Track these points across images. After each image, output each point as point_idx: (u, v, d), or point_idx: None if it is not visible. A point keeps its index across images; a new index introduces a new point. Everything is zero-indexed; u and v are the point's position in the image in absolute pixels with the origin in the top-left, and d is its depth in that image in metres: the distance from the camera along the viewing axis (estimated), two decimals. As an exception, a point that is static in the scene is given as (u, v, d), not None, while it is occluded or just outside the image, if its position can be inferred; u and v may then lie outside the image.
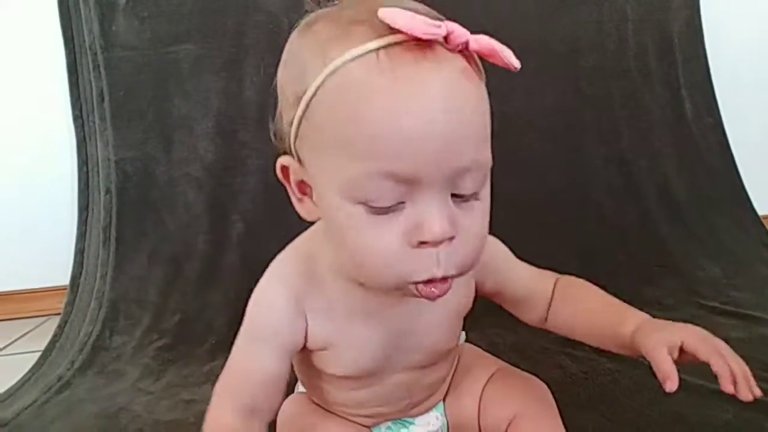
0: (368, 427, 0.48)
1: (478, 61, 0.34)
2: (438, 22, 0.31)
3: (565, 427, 0.47)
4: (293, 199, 0.39)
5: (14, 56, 1.09)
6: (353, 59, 0.31)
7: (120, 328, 0.90)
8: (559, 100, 1.05)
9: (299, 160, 0.36)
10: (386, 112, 0.30)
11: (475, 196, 0.34)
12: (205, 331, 0.88)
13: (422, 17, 0.30)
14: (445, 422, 0.51)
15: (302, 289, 0.40)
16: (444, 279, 0.34)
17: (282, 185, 0.40)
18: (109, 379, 0.78)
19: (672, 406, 0.58)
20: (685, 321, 0.86)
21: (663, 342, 0.38)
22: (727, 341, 0.73)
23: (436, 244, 0.32)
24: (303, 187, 0.38)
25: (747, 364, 0.65)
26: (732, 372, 0.37)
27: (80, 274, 1.02)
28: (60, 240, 1.08)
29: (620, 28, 1.07)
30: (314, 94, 0.32)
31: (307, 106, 0.33)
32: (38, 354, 0.87)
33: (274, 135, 0.39)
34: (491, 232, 0.56)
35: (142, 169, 0.99)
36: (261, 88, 0.99)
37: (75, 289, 1.00)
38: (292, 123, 0.35)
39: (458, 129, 0.31)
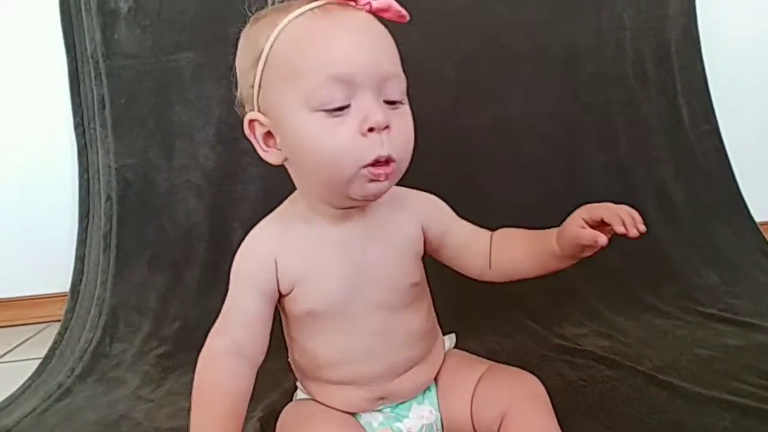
0: (365, 414, 0.50)
1: None
2: None
3: (564, 435, 0.47)
4: (260, 151, 0.48)
5: (16, 63, 1.09)
6: (296, 17, 0.44)
7: (120, 335, 0.90)
8: (557, 107, 1.06)
9: (263, 114, 0.46)
10: (327, 37, 0.43)
11: (400, 102, 0.45)
12: (205, 338, 0.87)
13: None
14: (439, 416, 0.52)
15: (273, 238, 0.49)
16: (387, 162, 0.43)
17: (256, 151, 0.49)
18: (109, 386, 0.78)
19: (670, 414, 0.59)
20: (682, 327, 0.87)
21: (572, 224, 0.47)
22: (724, 348, 0.74)
23: (380, 129, 0.42)
24: (267, 138, 0.47)
25: (745, 371, 0.66)
26: (621, 217, 0.44)
27: (80, 280, 1.02)
28: (60, 247, 1.09)
29: (618, 36, 1.08)
30: (270, 48, 0.44)
31: (266, 59, 0.44)
32: (38, 361, 0.87)
33: (240, 106, 0.49)
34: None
35: (142, 176, 0.99)
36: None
37: (75, 295, 1.00)
38: (253, 83, 0.45)
39: (378, 46, 0.44)
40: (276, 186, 0.97)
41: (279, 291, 0.49)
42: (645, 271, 0.97)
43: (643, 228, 0.43)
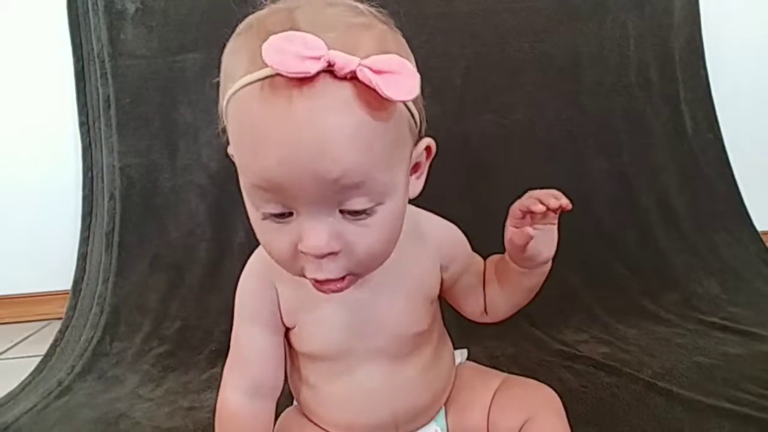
0: None
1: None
2: (319, 53, 0.32)
3: (564, 440, 0.47)
4: None
5: (23, 63, 1.10)
6: (245, 85, 0.34)
7: (120, 333, 0.90)
8: (560, 114, 1.06)
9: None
10: (259, 135, 0.34)
11: (368, 212, 0.36)
12: (205, 338, 0.88)
13: (296, 50, 0.31)
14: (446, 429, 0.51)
15: (271, 269, 0.44)
16: (340, 279, 0.38)
17: None
18: (108, 385, 0.78)
19: (670, 422, 0.58)
20: (683, 335, 0.86)
21: (506, 235, 0.46)
22: (725, 356, 0.74)
23: (317, 255, 0.36)
24: None
25: (745, 380, 0.66)
26: (535, 198, 0.43)
27: (82, 278, 1.03)
28: (62, 245, 1.09)
29: (622, 44, 1.08)
30: (226, 107, 0.37)
31: (225, 116, 0.38)
32: (39, 358, 0.87)
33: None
34: (491, 242, 0.58)
35: (146, 175, 1.00)
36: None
37: (77, 293, 1.01)
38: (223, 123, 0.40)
39: (326, 153, 0.33)
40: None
41: (283, 323, 0.46)
42: (646, 278, 0.97)
43: (565, 201, 0.43)
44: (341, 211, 0.36)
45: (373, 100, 0.33)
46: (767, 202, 1.13)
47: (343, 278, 0.38)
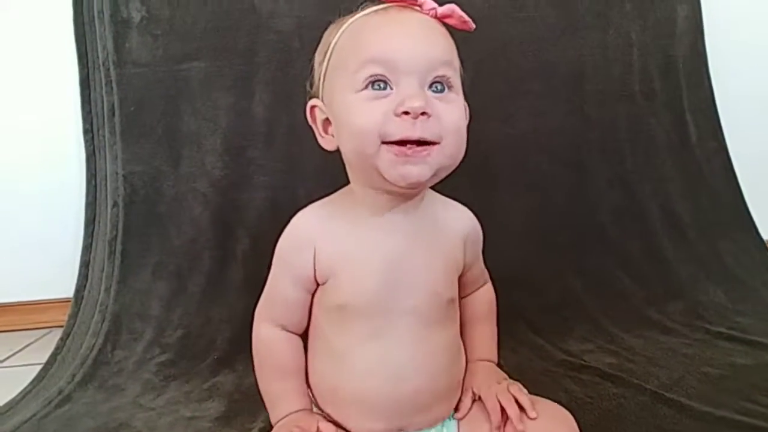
0: None
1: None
2: None
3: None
4: (317, 136, 0.50)
5: (29, 70, 1.10)
6: (359, 17, 0.47)
7: (122, 342, 0.90)
8: (564, 123, 1.06)
9: (324, 103, 0.49)
10: (378, 28, 0.46)
11: (449, 89, 0.46)
12: (207, 347, 0.87)
13: None
14: None
15: (315, 224, 0.50)
16: (419, 144, 0.43)
17: (311, 133, 0.51)
18: (109, 393, 0.77)
19: (678, 433, 0.58)
20: (689, 345, 0.85)
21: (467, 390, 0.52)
22: (732, 367, 0.73)
23: (415, 115, 0.42)
24: (326, 125, 0.49)
25: (754, 391, 0.65)
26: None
27: (84, 286, 1.02)
28: (65, 252, 1.09)
29: (625, 53, 1.08)
30: (334, 43, 0.47)
31: (330, 52, 0.48)
32: (40, 366, 0.86)
33: (309, 98, 0.51)
34: (496, 249, 0.57)
35: (149, 183, 1.00)
36: (269, 105, 1.00)
37: (79, 301, 1.00)
38: (320, 75, 0.49)
39: (429, 38, 0.45)
40: (282, 195, 0.99)
41: (316, 280, 0.49)
42: (652, 287, 0.97)
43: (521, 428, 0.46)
44: (430, 87, 0.45)
45: (446, 31, 0.48)
46: (772, 211, 1.12)
47: (422, 146, 0.43)
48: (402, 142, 0.43)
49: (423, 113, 0.42)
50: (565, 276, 0.98)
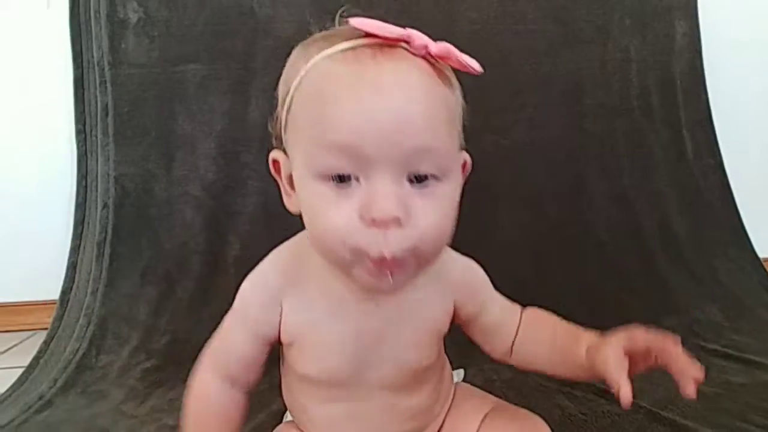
0: None
1: (449, 72, 0.40)
2: (401, 29, 0.36)
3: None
4: (283, 194, 0.43)
5: (22, 68, 1.09)
6: (326, 57, 0.37)
7: (107, 346, 0.88)
8: (561, 136, 1.06)
9: (286, 154, 0.41)
10: (341, 93, 0.35)
11: (434, 179, 0.36)
12: (195, 354, 0.84)
13: (378, 24, 0.36)
14: None
15: (283, 284, 0.43)
16: (395, 263, 0.35)
17: (277, 188, 0.44)
18: (91, 399, 0.75)
19: (673, 453, 0.56)
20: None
21: (609, 355, 0.41)
22: (728, 385, 0.72)
23: (385, 223, 0.34)
24: (291, 181, 0.41)
25: (750, 410, 0.64)
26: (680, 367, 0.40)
27: (71, 288, 1.00)
28: (51, 253, 1.07)
29: (624, 68, 1.09)
30: (296, 88, 0.38)
31: (290, 101, 0.39)
32: (22, 370, 0.84)
33: (274, 139, 0.43)
34: (490, 263, 0.56)
35: (141, 185, 0.99)
36: (265, 111, 0.98)
37: (64, 303, 0.98)
38: (282, 121, 0.40)
39: (406, 112, 0.35)
40: (275, 201, 0.97)
41: (279, 340, 0.44)
42: (646, 304, 0.96)
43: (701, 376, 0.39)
44: (409, 181, 0.36)
45: (441, 76, 0.37)
46: (768, 228, 1.12)
47: (403, 264, 0.36)
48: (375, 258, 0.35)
49: (395, 218, 0.34)
50: (560, 290, 0.97)
